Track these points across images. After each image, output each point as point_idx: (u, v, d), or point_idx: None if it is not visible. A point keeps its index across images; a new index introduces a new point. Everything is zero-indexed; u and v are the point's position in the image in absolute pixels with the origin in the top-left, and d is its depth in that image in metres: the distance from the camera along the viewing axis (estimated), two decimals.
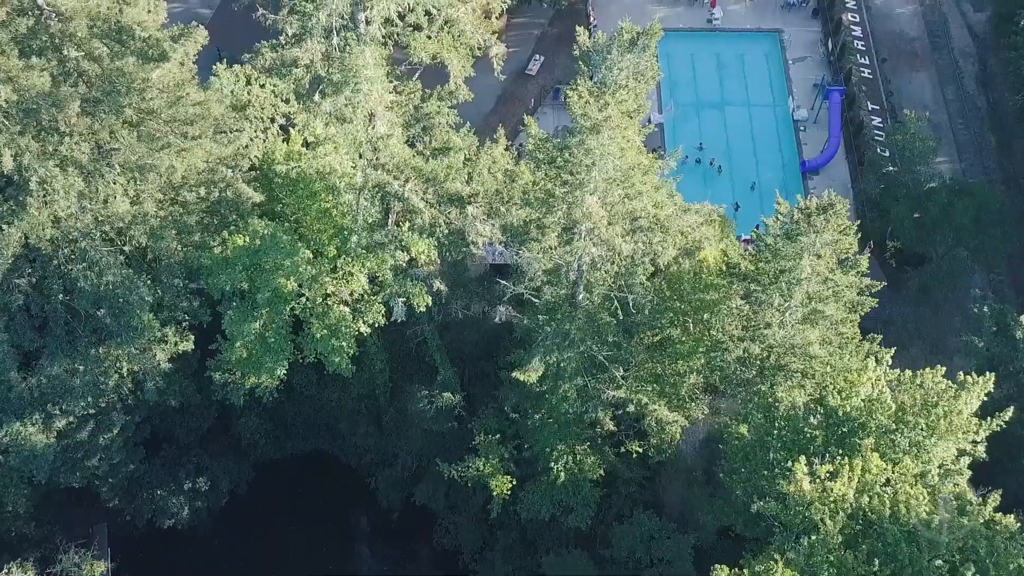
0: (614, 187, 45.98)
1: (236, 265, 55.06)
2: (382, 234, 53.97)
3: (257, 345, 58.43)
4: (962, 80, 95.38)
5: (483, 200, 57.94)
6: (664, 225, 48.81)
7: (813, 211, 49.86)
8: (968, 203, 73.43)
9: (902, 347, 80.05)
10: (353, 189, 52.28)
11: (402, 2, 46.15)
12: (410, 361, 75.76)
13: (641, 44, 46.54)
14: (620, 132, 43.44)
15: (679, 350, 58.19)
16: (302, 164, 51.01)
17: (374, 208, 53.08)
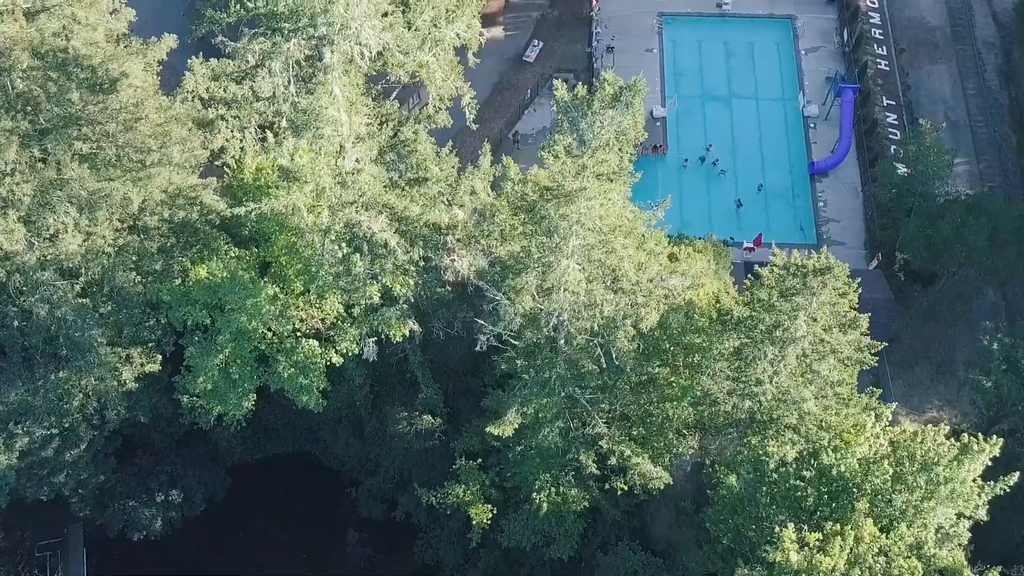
0: (593, 251, 42.38)
1: (196, 302, 51.83)
2: (347, 280, 50.50)
3: (221, 380, 55.47)
4: (984, 73, 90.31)
5: (462, 232, 54.37)
6: (647, 289, 45.25)
7: (810, 271, 46.15)
8: (983, 223, 69.27)
9: (907, 366, 76.94)
10: (318, 230, 48.72)
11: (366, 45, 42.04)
12: (392, 374, 72.82)
13: (624, 100, 42.48)
14: (598, 197, 39.73)
15: (667, 394, 54.98)
16: (262, 205, 47.42)
17: (341, 251, 49.53)
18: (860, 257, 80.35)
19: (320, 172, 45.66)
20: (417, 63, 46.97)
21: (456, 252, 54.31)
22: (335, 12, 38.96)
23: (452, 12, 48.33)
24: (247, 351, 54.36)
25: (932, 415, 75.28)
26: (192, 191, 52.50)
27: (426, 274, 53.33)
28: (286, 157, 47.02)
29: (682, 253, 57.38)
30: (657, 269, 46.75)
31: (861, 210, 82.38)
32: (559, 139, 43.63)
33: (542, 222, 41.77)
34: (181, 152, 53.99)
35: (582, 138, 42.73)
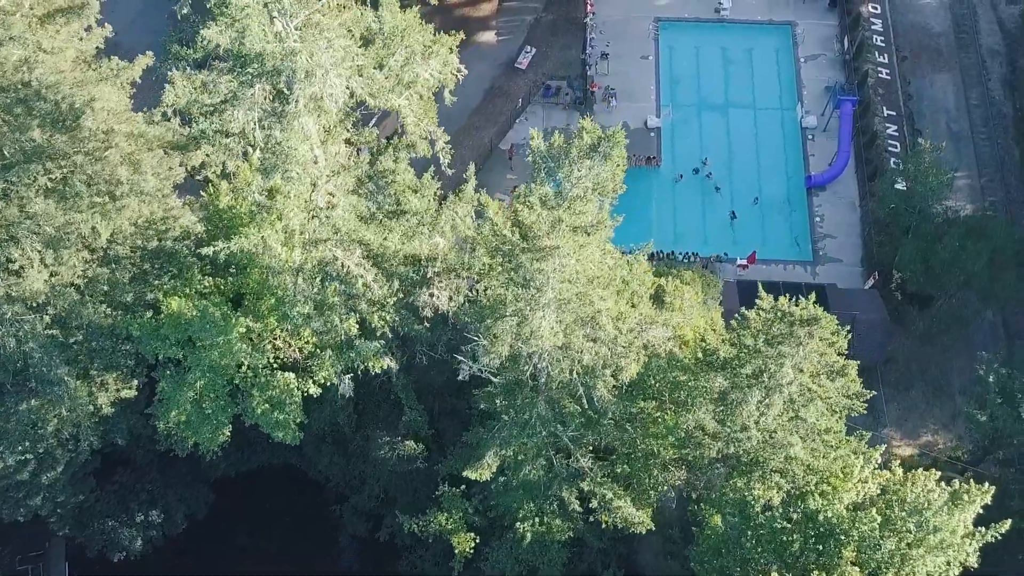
0: (570, 304, 40.81)
1: (167, 338, 50.40)
2: (320, 322, 48.94)
3: (194, 413, 54.11)
4: (988, 83, 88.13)
5: (441, 264, 52.79)
6: (627, 340, 43.67)
7: (796, 320, 44.55)
8: (982, 247, 67.50)
9: (902, 388, 75.41)
10: (290, 269, 47.11)
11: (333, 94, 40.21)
12: (376, 394, 71.48)
13: (603, 151, 40.69)
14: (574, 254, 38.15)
15: (652, 431, 53.52)
16: (231, 244, 45.78)
17: (313, 291, 47.97)
18: (857, 275, 78.66)
19: (290, 214, 43.98)
20: (388, 105, 45.12)
21: (436, 286, 52.76)
22: (300, 61, 37.23)
23: (428, 49, 46.39)
24: (220, 386, 52.90)
25: (927, 439, 73.89)
26: (163, 223, 50.83)
27: (404, 310, 51.73)
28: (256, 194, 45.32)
29: (669, 285, 55.69)
30: (637, 319, 45.14)
31: (859, 226, 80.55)
32: (535, 189, 41.94)
33: (518, 270, 40.20)
34: (156, 179, 52.31)
35: (558, 189, 41.08)
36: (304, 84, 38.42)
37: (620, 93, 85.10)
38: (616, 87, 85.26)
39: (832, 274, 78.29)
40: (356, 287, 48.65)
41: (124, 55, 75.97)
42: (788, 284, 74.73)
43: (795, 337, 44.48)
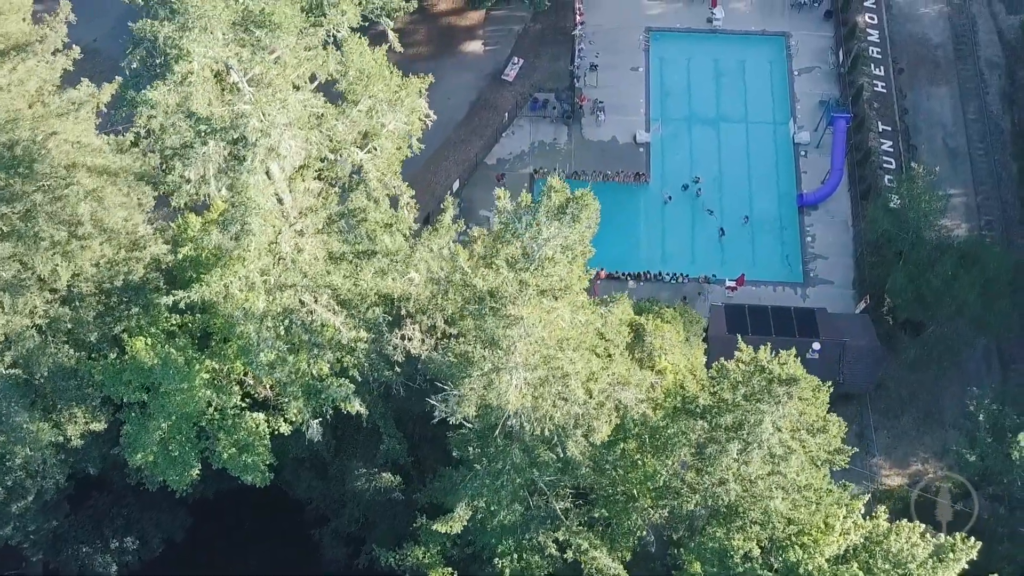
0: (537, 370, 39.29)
1: (130, 382, 49.04)
2: (283, 372, 47.43)
3: (161, 455, 52.81)
4: (986, 96, 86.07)
5: (414, 305, 51.25)
6: (599, 401, 42.15)
7: (775, 379, 42.99)
8: (975, 275, 65.79)
9: (893, 415, 73.95)
10: (253, 319, 45.53)
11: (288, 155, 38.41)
12: (354, 419, 70.05)
13: (571, 214, 38.95)
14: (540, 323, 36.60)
15: (630, 476, 52.08)
16: (191, 294, 44.24)
17: (278, 340, 46.42)
18: (848, 297, 77.01)
19: (250, 265, 42.37)
20: (351, 160, 43.36)
21: (408, 327, 51.23)
22: (251, 124, 35.53)
23: (396, 95, 44.48)
24: (186, 429, 51.57)
25: (916, 468, 72.51)
26: (126, 263, 49.28)
27: (374, 354, 50.20)
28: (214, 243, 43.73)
29: (650, 324, 54.11)
30: (609, 379, 43.52)
31: (851, 246, 78.78)
32: (501, 250, 40.27)
33: (485, 331, 38.67)
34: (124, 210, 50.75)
35: (526, 251, 39.41)
36: (259, 142, 36.73)
37: (609, 106, 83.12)
38: (605, 100, 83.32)
39: (823, 296, 76.64)
40: (322, 335, 47.07)
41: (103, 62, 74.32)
42: (777, 308, 73.32)
43: (774, 396, 42.95)
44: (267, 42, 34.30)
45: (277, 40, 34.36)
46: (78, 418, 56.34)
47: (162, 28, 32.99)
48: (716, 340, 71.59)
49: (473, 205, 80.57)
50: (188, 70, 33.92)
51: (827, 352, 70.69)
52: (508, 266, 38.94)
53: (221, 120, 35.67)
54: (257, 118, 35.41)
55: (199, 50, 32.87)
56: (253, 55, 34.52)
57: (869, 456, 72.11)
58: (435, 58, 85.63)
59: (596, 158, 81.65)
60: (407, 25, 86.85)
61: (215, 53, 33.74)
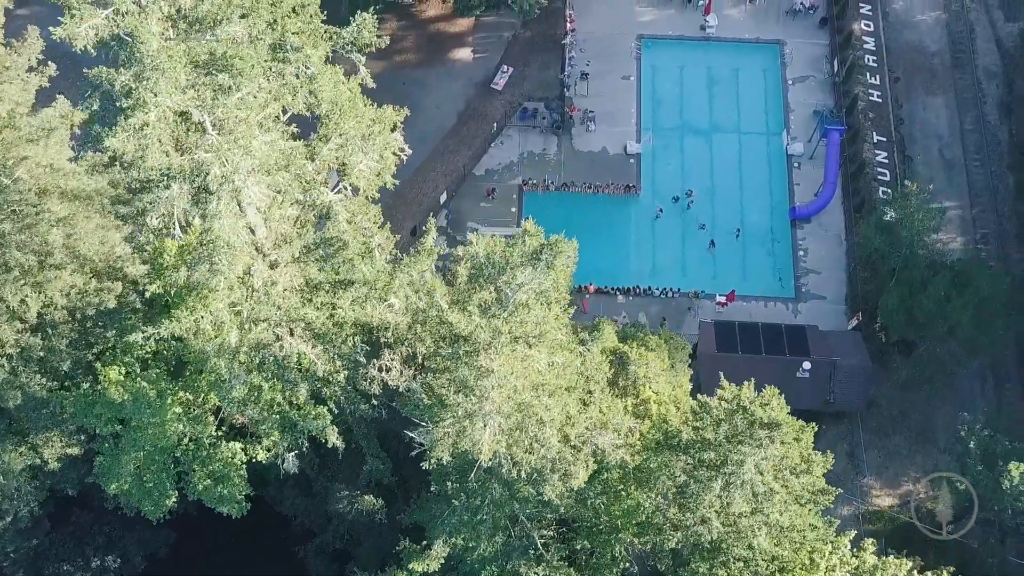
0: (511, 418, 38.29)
1: (101, 416, 48.11)
2: (255, 409, 46.46)
3: (135, 486, 51.91)
4: (983, 106, 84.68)
5: (393, 334, 50.22)
6: (575, 446, 41.15)
7: (757, 422, 41.97)
8: (968, 298, 64.64)
9: (884, 434, 72.91)
10: (224, 355, 44.50)
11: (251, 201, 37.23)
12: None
13: (545, 260, 37.79)
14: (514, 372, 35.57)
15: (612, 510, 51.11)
16: (160, 330, 43.20)
17: (250, 376, 45.41)
18: (840, 313, 75.87)
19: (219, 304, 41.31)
20: (320, 202, 42.13)
21: (386, 357, 50.22)
22: (213, 172, 34.40)
23: (368, 130, 43.16)
24: (160, 461, 50.62)
25: (907, 488, 71.52)
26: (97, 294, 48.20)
27: (349, 388, 49.21)
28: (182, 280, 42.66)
29: (633, 353, 53.06)
30: (587, 423, 42.48)
31: (844, 261, 77.59)
32: (474, 296, 39.16)
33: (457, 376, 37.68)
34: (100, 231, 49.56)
35: (498, 298, 38.30)
36: (223, 188, 35.64)
37: (599, 116, 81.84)
38: (595, 110, 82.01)
39: (815, 312, 75.52)
40: (296, 369, 46.03)
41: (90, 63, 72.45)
42: (767, 325, 72.25)
43: (755, 439, 41.96)
44: (230, 86, 33.14)
45: (239, 85, 33.18)
46: (54, 442, 55.48)
47: (118, 76, 31.88)
48: (705, 358, 70.66)
49: (461, 216, 79.40)
50: (144, 121, 32.79)
51: (817, 371, 69.69)
52: (481, 312, 37.87)
53: (181, 169, 34.58)
54: (219, 166, 34.31)
55: (156, 100, 31.74)
56: (216, 98, 33.39)
57: (859, 476, 71.17)
58: (424, 66, 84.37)
59: (586, 169, 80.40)
60: (395, 32, 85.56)
61: (173, 102, 32.62)
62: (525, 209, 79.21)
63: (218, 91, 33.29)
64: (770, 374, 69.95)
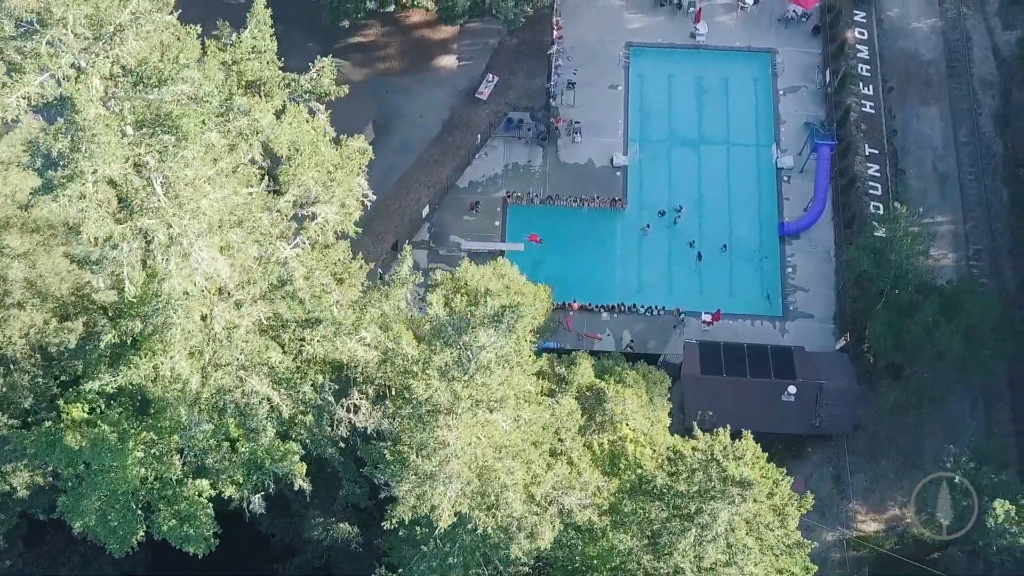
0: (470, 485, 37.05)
1: (60, 459, 46.95)
2: (216, 458, 45.25)
3: (99, 524, 50.80)
4: (979, 117, 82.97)
5: (362, 373, 48.97)
6: (542, 505, 39.95)
7: (730, 478, 40.77)
8: (957, 324, 63.28)
9: (871, 457, 71.89)
10: (184, 402, 43.27)
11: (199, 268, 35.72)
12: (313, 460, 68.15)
13: (507, 323, 36.38)
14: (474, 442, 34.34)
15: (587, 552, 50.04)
16: (119, 378, 41.95)
17: (212, 424, 44.20)
18: (828, 332, 74.54)
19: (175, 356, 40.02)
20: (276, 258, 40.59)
21: (354, 397, 48.99)
22: (158, 239, 32.96)
23: (331, 177, 41.57)
24: (123, 502, 49.48)
25: (894, 513, 70.48)
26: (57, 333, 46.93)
27: (315, 430, 47.98)
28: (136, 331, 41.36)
29: (610, 389, 51.78)
30: (553, 482, 41.23)
31: (833, 278, 76.14)
32: (434, 360, 37.78)
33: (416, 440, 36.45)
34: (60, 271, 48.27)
35: (460, 360, 36.95)
36: (169, 251, 34.27)
37: (586, 126, 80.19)
38: (582, 120, 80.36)
39: (802, 331, 74.18)
40: (258, 415, 44.74)
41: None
42: (753, 347, 70.99)
43: (727, 496, 40.77)
44: (175, 147, 31.69)
45: (184, 149, 31.72)
46: (21, 471, 54.44)
47: (55, 143, 30.42)
48: (689, 380, 69.48)
49: (444, 230, 77.93)
50: (81, 192, 31.37)
51: (803, 394, 68.50)
52: (441, 375, 36.57)
53: (123, 236, 33.21)
54: (164, 231, 32.95)
55: (93, 169, 30.31)
56: (162, 161, 31.97)
57: (845, 501, 70.08)
58: (407, 73, 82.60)
59: (572, 182, 78.85)
60: (379, 38, 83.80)
61: (113, 170, 31.19)
62: (509, 223, 77.78)
63: (164, 152, 31.86)
64: (755, 397, 69.19)
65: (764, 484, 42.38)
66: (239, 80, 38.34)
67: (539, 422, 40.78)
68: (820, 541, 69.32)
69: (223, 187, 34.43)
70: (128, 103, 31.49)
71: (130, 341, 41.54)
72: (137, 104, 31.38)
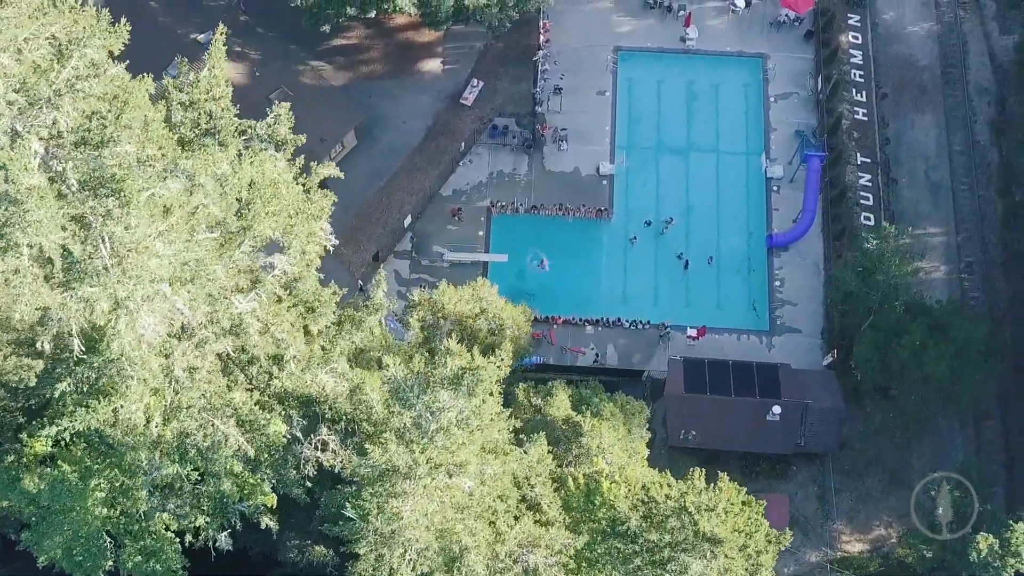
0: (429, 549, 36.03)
1: (20, 498, 45.96)
2: (177, 504, 44.26)
3: (64, 559, 49.89)
4: (974, 125, 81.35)
5: (331, 411, 47.87)
6: (506, 563, 38.87)
7: (701, 534, 39.75)
8: (943, 349, 62.12)
9: (857, 476, 70.92)
10: (144, 446, 42.20)
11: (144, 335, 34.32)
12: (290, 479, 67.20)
13: (467, 386, 35.17)
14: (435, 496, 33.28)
15: None
16: (76, 422, 40.81)
17: (172, 469, 43.14)
18: (816, 347, 73.37)
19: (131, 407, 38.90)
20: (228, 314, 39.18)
21: (324, 434, 47.91)
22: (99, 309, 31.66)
23: (291, 223, 40.15)
24: (87, 538, 48.50)
25: (879, 533, 69.62)
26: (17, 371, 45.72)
27: (282, 471, 46.92)
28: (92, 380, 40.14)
29: (586, 424, 50.76)
30: (519, 539, 40.15)
31: (821, 292, 74.82)
32: (392, 422, 36.61)
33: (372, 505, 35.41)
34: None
35: (418, 422, 35.82)
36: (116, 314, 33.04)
37: (572, 133, 78.65)
38: (568, 127, 78.80)
39: (789, 347, 73.01)
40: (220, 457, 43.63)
41: None
42: (738, 364, 69.78)
43: (698, 550, 39.79)
44: (118, 214, 30.38)
45: (128, 216, 30.40)
46: None
47: None
48: (673, 399, 68.41)
49: (426, 240, 76.60)
50: (15, 267, 30.10)
51: (788, 414, 67.40)
52: (398, 438, 35.46)
53: (64, 308, 31.98)
54: (106, 300, 31.71)
55: (28, 242, 29.08)
56: (104, 225, 30.65)
57: (829, 521, 69.21)
58: (391, 77, 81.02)
59: (557, 190, 77.40)
60: (362, 40, 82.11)
61: (49, 242, 29.91)
62: (493, 232, 76.44)
63: (107, 216, 30.57)
64: (739, 417, 68.12)
65: (736, 539, 41.35)
66: (193, 128, 36.95)
67: (506, 476, 39.70)
68: (803, 563, 68.70)
69: (174, 242, 33.11)
70: (71, 163, 30.17)
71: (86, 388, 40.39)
72: (80, 163, 30.06)
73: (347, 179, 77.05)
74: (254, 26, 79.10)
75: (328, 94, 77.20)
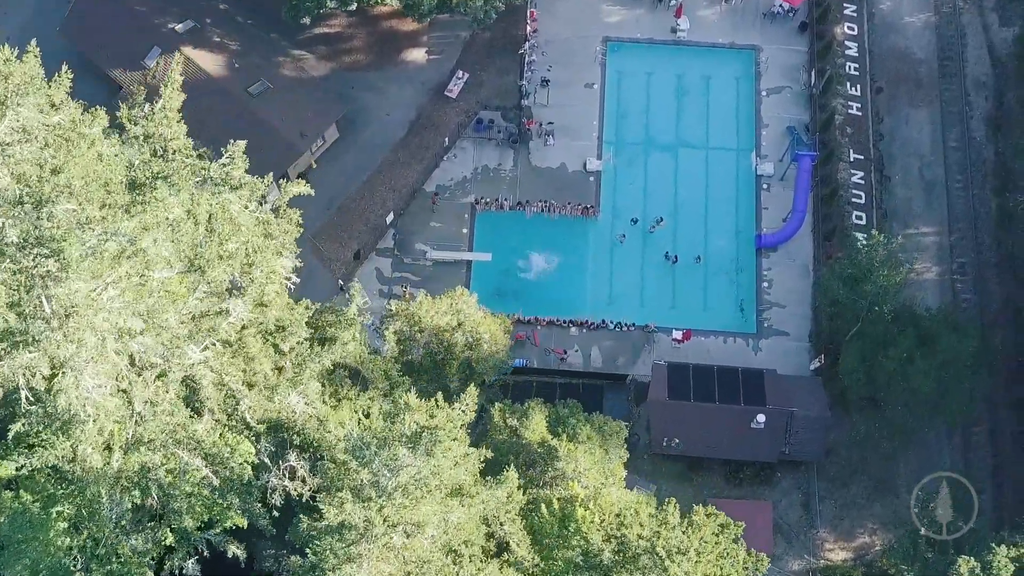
0: None
1: None
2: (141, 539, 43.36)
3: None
4: (970, 121, 79.52)
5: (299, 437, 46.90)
6: None
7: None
8: (931, 362, 61.00)
9: (842, 483, 70.19)
10: (105, 481, 41.24)
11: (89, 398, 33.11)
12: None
13: (425, 445, 33.98)
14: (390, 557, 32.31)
15: None
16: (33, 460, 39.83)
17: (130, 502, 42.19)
18: (803, 351, 72.22)
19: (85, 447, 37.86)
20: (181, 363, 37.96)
21: (292, 460, 46.96)
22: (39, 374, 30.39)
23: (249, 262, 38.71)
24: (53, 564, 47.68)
25: (863, 540, 68.96)
26: None
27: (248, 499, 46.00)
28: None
29: (562, 448, 49.76)
30: None
31: (810, 294, 73.49)
32: (347, 481, 35.49)
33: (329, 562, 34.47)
34: None
35: (376, 481, 34.73)
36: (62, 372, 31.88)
37: (559, 129, 76.90)
38: (555, 121, 77.04)
39: (776, 350, 71.88)
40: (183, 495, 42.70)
41: None
42: (723, 369, 68.73)
43: None
44: (58, 276, 29.08)
45: (68, 281, 29.07)
46: None
47: None
48: (656, 406, 67.39)
49: (409, 237, 75.19)
50: None
51: (773, 422, 66.45)
52: (355, 495, 34.42)
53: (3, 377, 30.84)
54: (47, 366, 30.52)
55: None
56: (44, 288, 29.35)
57: (813, 529, 68.51)
58: (374, 68, 79.13)
59: (543, 187, 75.85)
60: (344, 30, 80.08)
61: None
62: (477, 229, 75.01)
63: (46, 277, 29.28)
64: (723, 424, 67.15)
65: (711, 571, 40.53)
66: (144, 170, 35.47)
67: (472, 521, 38.74)
68: (786, 570, 68.12)
69: (124, 292, 31.78)
70: (9, 219, 28.84)
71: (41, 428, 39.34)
72: (16, 221, 28.70)
73: (328, 174, 76.33)
74: (233, 15, 77.04)
75: (309, 86, 75.38)
